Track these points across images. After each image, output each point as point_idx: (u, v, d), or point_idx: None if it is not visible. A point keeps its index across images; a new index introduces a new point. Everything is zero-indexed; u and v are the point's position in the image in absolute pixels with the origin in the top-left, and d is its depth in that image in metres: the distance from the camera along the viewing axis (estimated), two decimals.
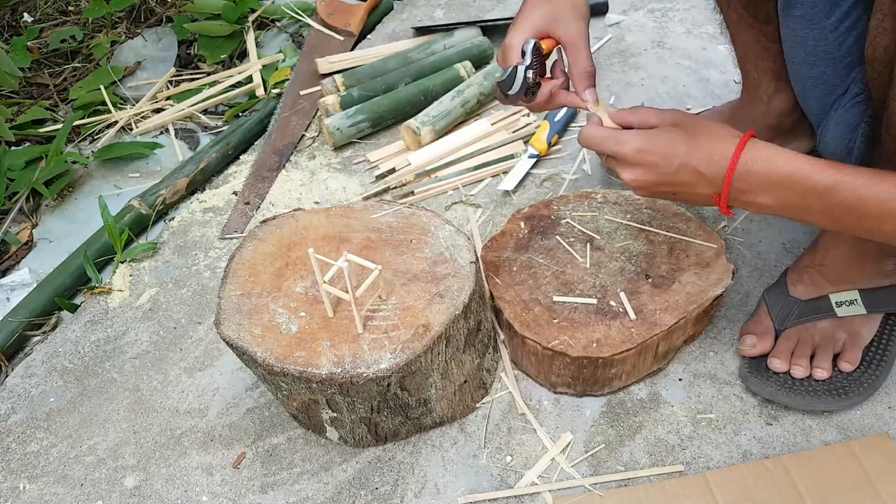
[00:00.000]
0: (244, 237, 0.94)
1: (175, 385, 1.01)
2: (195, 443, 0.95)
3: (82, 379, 1.04)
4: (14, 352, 1.12)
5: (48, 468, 0.94)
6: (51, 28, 1.81)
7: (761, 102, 1.07)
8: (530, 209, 1.04)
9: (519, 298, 0.92)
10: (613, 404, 0.92)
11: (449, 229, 0.90)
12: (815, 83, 0.84)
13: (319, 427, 0.90)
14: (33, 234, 1.33)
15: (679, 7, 1.56)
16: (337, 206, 0.95)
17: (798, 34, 0.81)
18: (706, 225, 0.99)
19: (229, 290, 0.85)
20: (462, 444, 0.90)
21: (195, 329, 1.08)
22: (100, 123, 1.51)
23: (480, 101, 1.34)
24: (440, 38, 1.49)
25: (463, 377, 0.88)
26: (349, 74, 1.43)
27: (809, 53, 0.81)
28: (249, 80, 1.57)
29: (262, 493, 0.89)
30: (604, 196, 1.04)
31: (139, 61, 1.68)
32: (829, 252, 0.92)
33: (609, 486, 0.85)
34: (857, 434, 0.86)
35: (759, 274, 1.03)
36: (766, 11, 0.95)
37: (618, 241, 0.98)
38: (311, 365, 0.77)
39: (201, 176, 1.34)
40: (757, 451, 0.86)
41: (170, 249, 1.21)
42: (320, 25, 1.63)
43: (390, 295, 0.83)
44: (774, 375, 0.89)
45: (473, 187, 1.23)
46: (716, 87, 1.36)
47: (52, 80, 1.65)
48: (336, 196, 1.25)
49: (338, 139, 1.32)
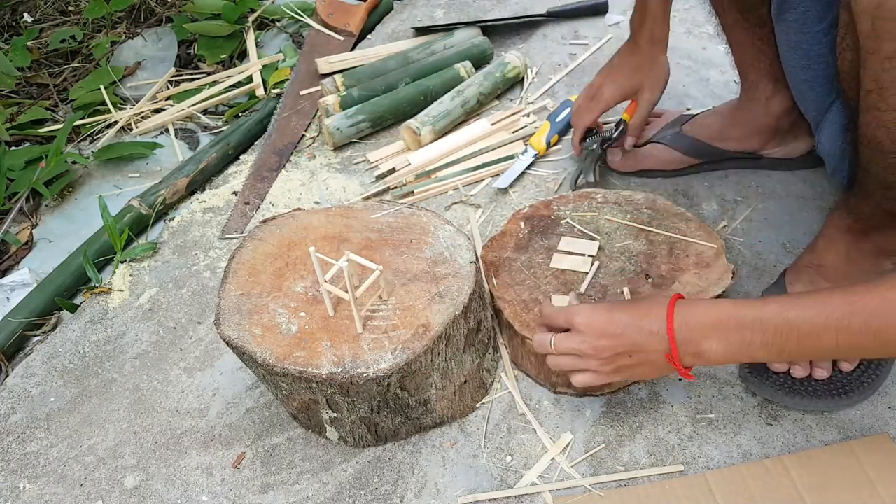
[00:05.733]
0: (244, 237, 0.94)
1: (175, 385, 1.01)
2: (195, 443, 0.95)
3: (82, 379, 1.04)
4: (14, 352, 1.12)
5: (48, 468, 0.94)
6: (51, 28, 1.81)
7: (759, 104, 1.07)
8: (530, 209, 1.04)
9: (519, 298, 0.92)
10: (613, 404, 0.92)
11: (449, 229, 0.90)
12: (810, 86, 0.84)
13: (319, 427, 0.90)
14: (33, 234, 1.33)
15: (679, 7, 1.56)
16: (337, 206, 0.95)
17: (792, 38, 0.82)
18: (706, 225, 0.99)
19: (229, 290, 0.85)
20: (462, 444, 0.90)
21: (195, 329, 1.08)
22: (100, 123, 1.51)
23: (480, 101, 1.34)
24: (440, 38, 1.49)
25: (463, 377, 0.88)
26: (349, 74, 1.43)
27: (804, 57, 0.81)
28: (249, 80, 1.57)
29: (262, 493, 0.89)
30: (604, 196, 1.04)
31: (139, 61, 1.68)
32: (827, 252, 0.92)
33: (609, 486, 0.85)
34: (857, 434, 0.86)
35: (759, 274, 1.03)
36: (759, 16, 0.95)
37: (618, 241, 0.98)
38: (311, 365, 0.77)
39: (201, 176, 1.34)
40: (757, 451, 0.86)
41: (170, 249, 1.21)
42: (320, 25, 1.63)
43: (390, 295, 0.83)
44: (774, 375, 0.89)
45: (473, 187, 1.23)
46: (716, 87, 1.36)
47: (52, 80, 1.65)
48: (336, 196, 1.25)
49: (338, 139, 1.32)
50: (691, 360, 0.72)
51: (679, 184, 1.17)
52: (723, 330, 0.69)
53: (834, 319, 0.64)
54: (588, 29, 1.54)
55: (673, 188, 1.17)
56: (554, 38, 1.52)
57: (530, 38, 1.53)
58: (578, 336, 0.76)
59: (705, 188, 1.16)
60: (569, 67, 1.44)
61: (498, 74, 1.36)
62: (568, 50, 1.49)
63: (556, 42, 1.51)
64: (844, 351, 0.66)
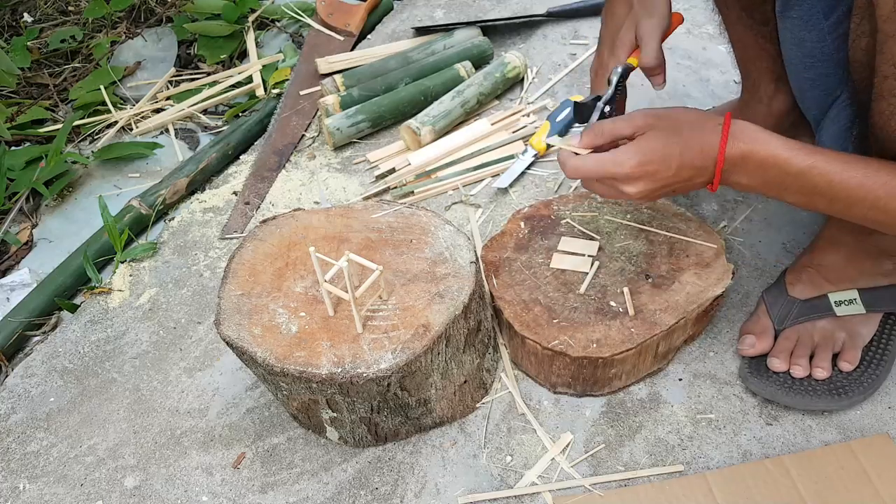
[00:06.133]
0: (244, 237, 0.94)
1: (175, 385, 1.01)
2: (195, 443, 0.95)
3: (82, 379, 1.04)
4: (14, 352, 1.12)
5: (48, 468, 0.94)
6: (51, 28, 1.81)
7: (761, 103, 1.07)
8: (530, 209, 1.04)
9: (519, 298, 0.92)
10: (613, 404, 0.92)
11: (449, 229, 0.90)
12: (812, 84, 0.84)
13: (319, 427, 0.90)
14: (33, 234, 1.33)
15: (679, 7, 1.55)
16: (337, 206, 0.95)
17: (796, 35, 0.81)
18: (706, 225, 0.99)
19: (229, 290, 0.85)
20: (462, 444, 0.90)
21: (195, 329, 1.08)
22: (100, 123, 1.51)
23: (480, 101, 1.34)
24: (440, 38, 1.49)
25: (463, 377, 0.88)
26: (349, 74, 1.43)
27: (807, 55, 0.81)
28: (249, 80, 1.57)
29: (262, 493, 0.89)
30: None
31: (139, 61, 1.68)
32: (827, 252, 0.92)
33: (609, 486, 0.85)
34: (857, 434, 0.86)
35: (759, 274, 1.03)
36: (763, 13, 0.95)
37: (618, 241, 0.98)
38: (311, 365, 0.77)
39: (201, 176, 1.34)
40: (757, 451, 0.86)
41: (170, 249, 1.21)
42: (320, 25, 1.63)
43: (390, 295, 0.83)
44: (774, 375, 0.89)
45: (473, 187, 1.23)
46: (716, 87, 1.36)
47: (52, 80, 1.65)
48: (336, 196, 1.25)
49: (338, 139, 1.32)
50: (725, 185, 0.74)
51: None
52: (764, 171, 0.71)
53: (872, 195, 0.67)
54: (588, 29, 1.54)
55: None
56: (554, 38, 1.52)
57: (530, 38, 1.53)
58: (629, 185, 0.73)
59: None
60: (569, 67, 1.44)
61: (498, 74, 1.36)
62: (568, 50, 1.49)
63: (556, 42, 1.51)
64: (870, 223, 0.70)
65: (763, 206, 1.12)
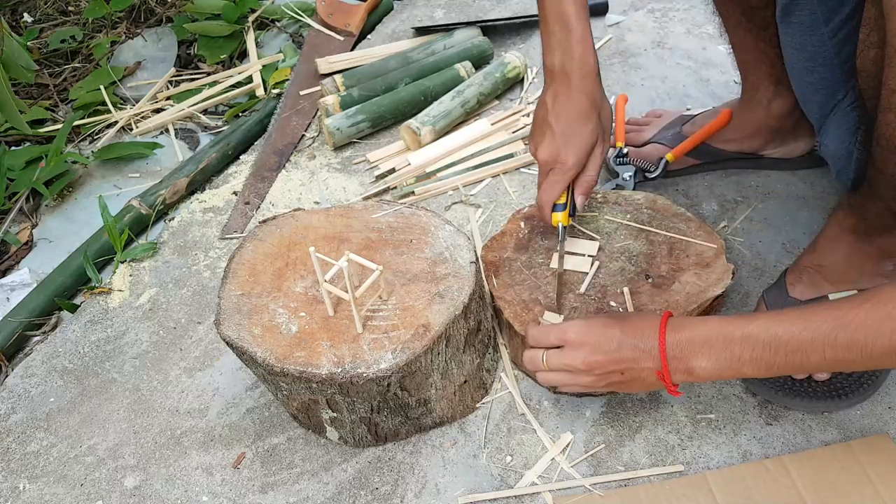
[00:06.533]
0: (244, 237, 0.94)
1: (175, 385, 1.01)
2: (195, 443, 0.95)
3: (82, 379, 1.04)
4: (14, 352, 1.12)
5: (48, 468, 0.94)
6: (51, 28, 1.81)
7: (760, 105, 1.07)
8: (530, 209, 1.04)
9: (519, 298, 0.92)
10: (613, 404, 0.92)
11: (449, 229, 0.90)
12: (814, 88, 0.84)
13: (319, 427, 0.90)
14: (33, 234, 1.33)
15: (679, 7, 1.56)
16: (337, 207, 0.95)
17: (797, 40, 0.81)
18: (706, 225, 0.98)
19: (229, 290, 0.85)
20: (462, 444, 0.90)
21: (195, 329, 1.08)
22: (100, 123, 1.51)
23: (480, 101, 1.34)
24: (440, 38, 1.49)
25: (463, 377, 0.88)
26: (349, 74, 1.43)
27: (808, 59, 0.81)
28: (249, 80, 1.57)
29: (262, 493, 0.89)
30: (604, 196, 1.04)
31: (139, 61, 1.68)
32: (828, 253, 0.92)
33: (609, 486, 0.85)
34: (857, 434, 0.86)
35: (759, 274, 1.03)
36: (763, 17, 0.95)
37: (618, 241, 0.98)
38: (311, 365, 0.77)
39: (201, 176, 1.34)
40: (757, 451, 0.86)
41: (170, 249, 1.21)
42: (320, 25, 1.63)
43: (390, 295, 0.83)
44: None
45: (473, 187, 1.23)
46: (716, 88, 1.36)
47: (52, 80, 1.65)
48: (336, 196, 1.25)
49: (338, 139, 1.32)
50: (681, 378, 0.73)
51: (679, 184, 1.17)
52: (712, 347, 0.70)
53: (821, 335, 0.65)
54: None
55: (673, 188, 1.17)
56: None
57: (530, 38, 1.53)
58: (572, 352, 0.77)
59: (705, 188, 1.16)
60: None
61: (498, 74, 1.36)
62: None
63: None
64: (832, 365, 0.66)
65: (763, 206, 1.12)
